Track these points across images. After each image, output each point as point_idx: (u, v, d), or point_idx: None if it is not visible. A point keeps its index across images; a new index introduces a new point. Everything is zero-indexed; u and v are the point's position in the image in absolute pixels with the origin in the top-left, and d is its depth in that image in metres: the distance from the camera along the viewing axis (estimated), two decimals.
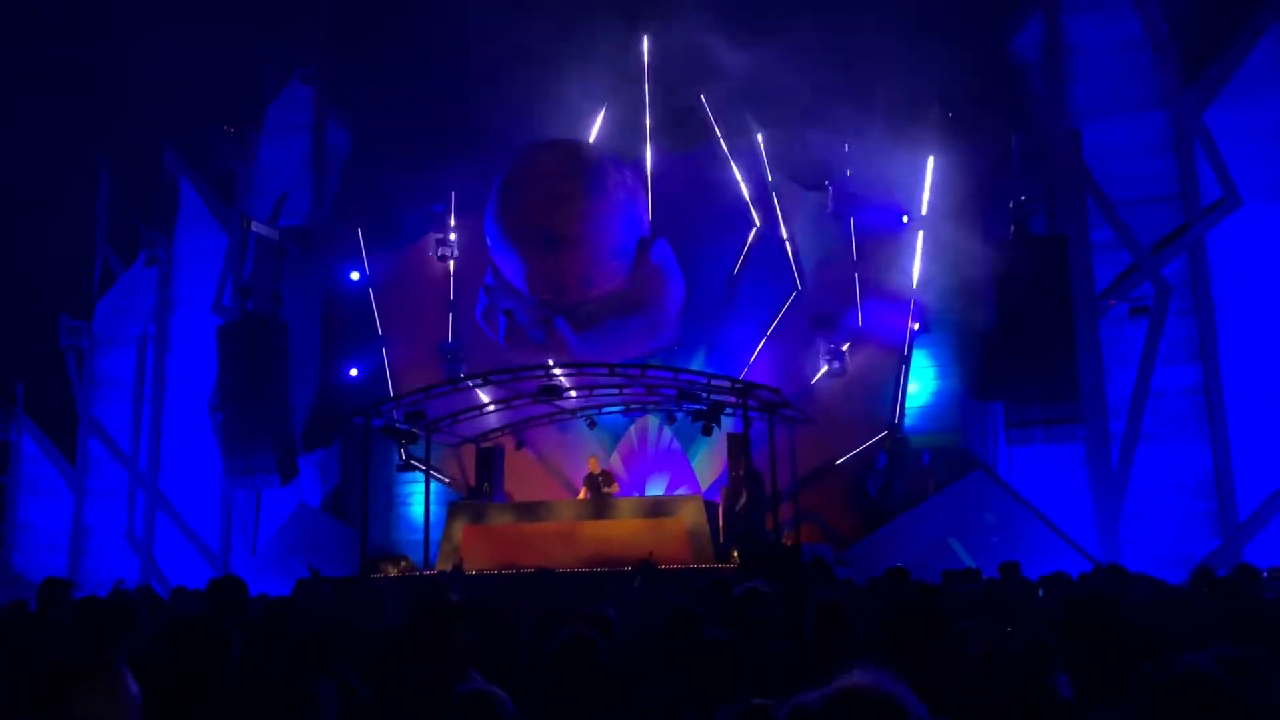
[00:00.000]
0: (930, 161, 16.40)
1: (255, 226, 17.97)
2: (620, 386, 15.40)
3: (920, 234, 16.49)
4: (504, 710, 2.33)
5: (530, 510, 14.94)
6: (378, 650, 3.84)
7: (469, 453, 17.16)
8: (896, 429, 15.97)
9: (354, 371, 18.18)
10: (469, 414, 15.94)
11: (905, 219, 16.62)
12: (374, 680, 3.62)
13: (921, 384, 16.48)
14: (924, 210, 16.49)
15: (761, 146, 17.35)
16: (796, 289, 16.97)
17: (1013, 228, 15.43)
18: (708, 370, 15.11)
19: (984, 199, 15.54)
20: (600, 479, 15.59)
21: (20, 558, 19.59)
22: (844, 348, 16.22)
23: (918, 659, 2.63)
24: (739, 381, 14.21)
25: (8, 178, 17.81)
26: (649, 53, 17.67)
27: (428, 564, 14.85)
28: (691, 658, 3.48)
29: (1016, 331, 14.65)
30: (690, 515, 13.75)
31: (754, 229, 17.31)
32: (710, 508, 14.30)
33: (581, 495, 15.59)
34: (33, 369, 19.38)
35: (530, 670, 3.75)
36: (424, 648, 3.14)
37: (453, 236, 18.34)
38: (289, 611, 5.55)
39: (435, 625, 3.15)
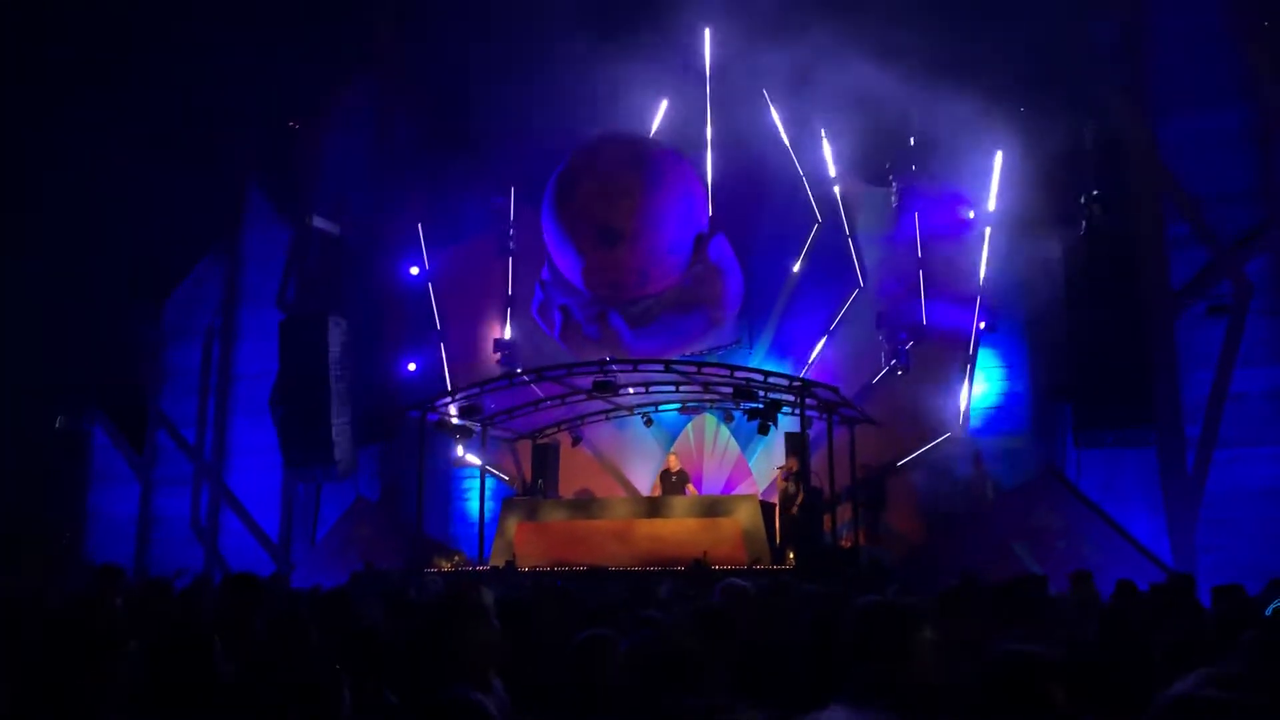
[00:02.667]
0: (999, 156, 15.95)
1: (317, 221, 18.16)
2: (676, 384, 15.24)
3: (988, 230, 16.04)
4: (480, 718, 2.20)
5: (584, 507, 14.86)
6: (398, 649, 3.73)
7: (525, 448, 17.14)
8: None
9: (412, 366, 18.28)
10: (524, 410, 15.90)
11: (972, 214, 16.17)
12: (389, 680, 3.51)
13: (988, 384, 16.04)
14: (991, 206, 16.04)
15: (824, 141, 17.03)
16: (859, 286, 16.62)
17: (1084, 224, 14.90)
18: (767, 368, 14.87)
19: (1054, 194, 15.02)
20: (675, 477, 15.47)
21: (91, 546, 20.08)
22: (907, 346, 15.84)
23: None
24: (797, 379, 13.96)
25: (80, 172, 18.21)
26: (711, 46, 17.45)
27: (481, 559, 14.85)
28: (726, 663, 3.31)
29: (1086, 330, 14.17)
30: (746, 515, 13.55)
31: (816, 225, 17.00)
32: (766, 508, 14.08)
33: (655, 492, 15.47)
34: (104, 360, 19.80)
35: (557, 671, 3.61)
36: (443, 647, 3.02)
37: (512, 231, 18.33)
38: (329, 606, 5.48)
39: (456, 624, 3.02)
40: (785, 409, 14.17)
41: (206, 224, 20.28)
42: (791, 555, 13.30)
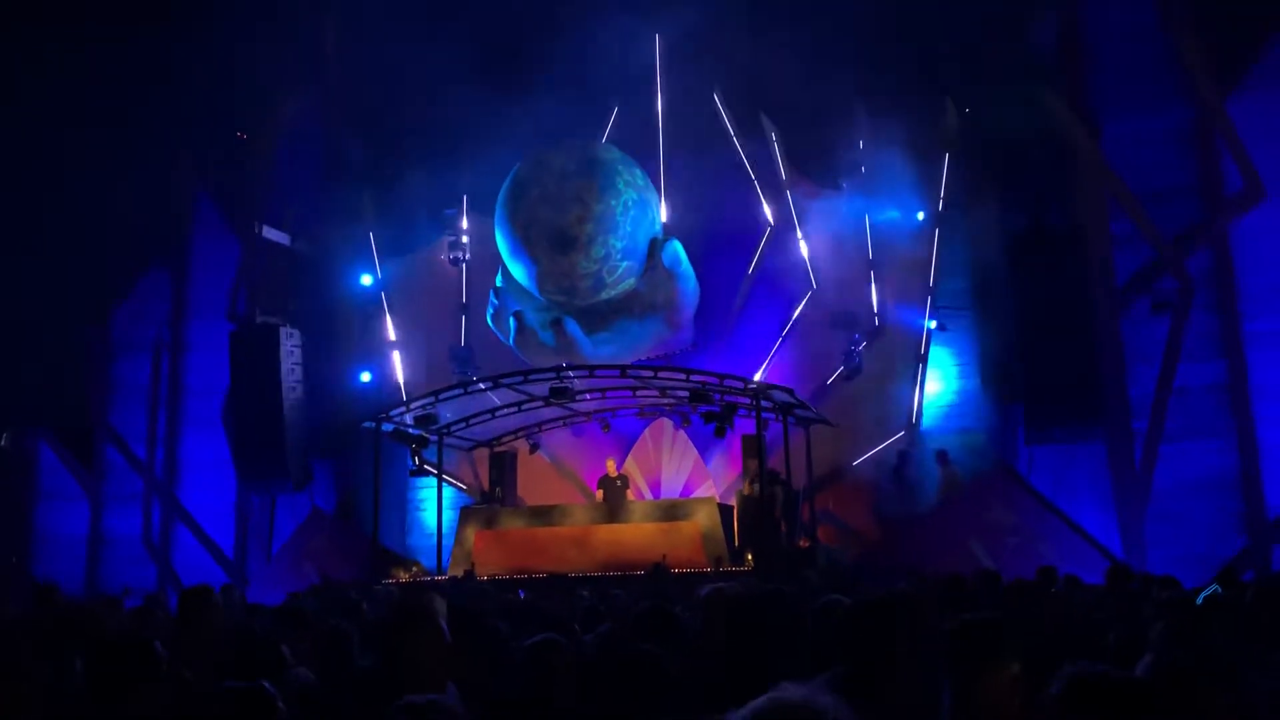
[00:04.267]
0: (946, 158, 16.18)
1: (267, 232, 17.95)
2: (633, 389, 15.26)
3: (937, 231, 16.28)
4: (450, 716, 2.20)
5: (543, 514, 14.82)
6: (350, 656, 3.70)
7: (482, 457, 17.06)
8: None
9: (366, 376, 18.13)
10: (481, 418, 15.83)
11: (921, 216, 16.39)
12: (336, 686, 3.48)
13: (940, 383, 16.26)
14: (940, 207, 16.27)
15: (775, 145, 17.16)
16: (812, 288, 16.76)
17: (1029, 222, 15.15)
18: (723, 372, 14.94)
19: (1001, 195, 15.28)
20: (618, 481, 15.47)
21: (40, 567, 19.64)
22: (860, 347, 16.00)
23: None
24: (752, 382, 14.04)
25: (18, 184, 17.86)
26: (661, 52, 17.52)
27: (440, 569, 14.75)
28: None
29: (1034, 328, 14.40)
30: (704, 518, 13.61)
31: (768, 229, 17.13)
32: (725, 510, 14.14)
33: (598, 498, 15.47)
34: (49, 375, 19.42)
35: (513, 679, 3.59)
36: (394, 656, 3.00)
37: (465, 239, 18.25)
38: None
39: (406, 633, 3.00)
40: (741, 411, 14.24)
41: (153, 235, 19.94)
42: (750, 557, 13.36)
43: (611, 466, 15.79)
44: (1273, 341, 14.47)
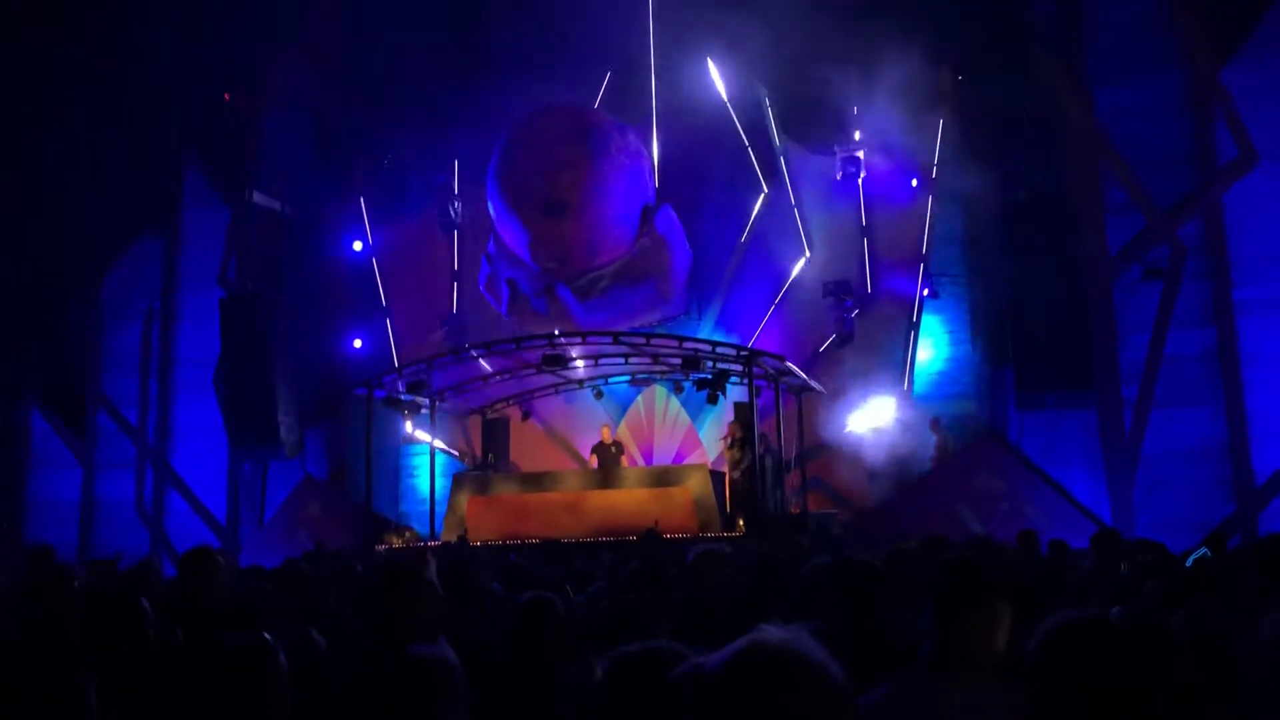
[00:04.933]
0: (940, 124, 16.11)
1: (258, 198, 17.85)
2: (626, 356, 15.27)
3: (930, 198, 16.24)
4: (450, 671, 2.22)
5: (536, 480, 14.87)
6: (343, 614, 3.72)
7: (475, 424, 17.10)
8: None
9: (358, 343, 18.11)
10: (473, 384, 15.85)
11: (915, 182, 16.36)
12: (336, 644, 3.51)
13: (932, 350, 16.29)
14: (934, 174, 16.22)
15: (769, 110, 17.06)
16: (805, 255, 16.74)
17: (1024, 191, 15.12)
18: (716, 338, 14.95)
19: (995, 161, 15.23)
20: (612, 448, 15.52)
21: (32, 533, 19.67)
22: (853, 314, 16.01)
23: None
24: (744, 349, 14.06)
25: (6, 153, 17.70)
26: (654, 15, 17.36)
27: (433, 535, 14.81)
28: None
29: (1027, 295, 14.42)
30: (696, 484, 13.67)
31: (761, 195, 17.07)
32: (717, 476, 14.20)
33: (592, 464, 15.51)
34: (41, 344, 19.35)
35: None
36: (385, 612, 3.02)
37: (457, 205, 18.17)
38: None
39: (396, 588, 3.02)
40: (733, 379, 14.27)
41: (143, 203, 19.80)
42: (741, 522, 13.44)
43: (606, 433, 15.83)
44: (1262, 309, 14.52)
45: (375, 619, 3.03)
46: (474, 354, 14.83)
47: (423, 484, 17.19)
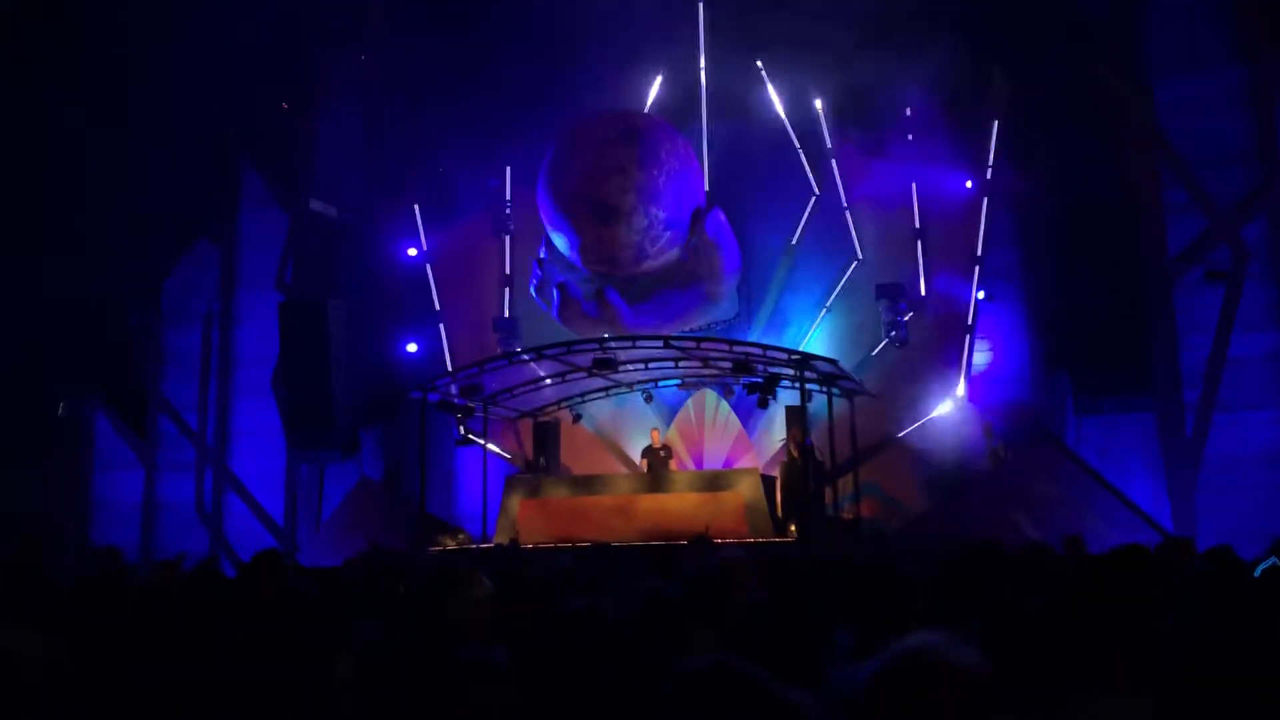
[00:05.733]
0: (994, 124, 15.92)
1: (314, 204, 18.13)
2: (676, 360, 15.27)
3: (985, 200, 16.05)
4: (503, 673, 2.25)
5: (586, 484, 14.93)
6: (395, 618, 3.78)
7: (526, 427, 17.20)
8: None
9: (412, 347, 18.30)
10: (525, 388, 15.94)
11: (969, 184, 16.17)
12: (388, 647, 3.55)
13: (987, 354, 16.09)
14: (988, 175, 16.03)
15: (820, 113, 16.98)
16: (857, 258, 16.63)
17: (1080, 190, 14.88)
18: (766, 342, 14.90)
19: (1050, 161, 15.01)
20: (662, 452, 15.53)
21: (97, 533, 20.14)
22: (906, 318, 15.87)
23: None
24: (795, 353, 14.00)
25: (69, 160, 18.17)
26: (705, 19, 17.36)
27: (485, 537, 14.93)
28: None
29: (1084, 298, 14.18)
30: (747, 489, 13.63)
31: (813, 198, 16.99)
32: (768, 481, 14.15)
33: (642, 467, 15.53)
34: (103, 346, 19.80)
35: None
36: (440, 615, 3.06)
37: (509, 210, 18.30)
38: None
39: (453, 592, 3.06)
40: (784, 383, 14.21)
41: (202, 207, 20.20)
42: (793, 528, 13.37)
43: (656, 437, 15.85)
44: None
45: (429, 620, 3.07)
46: (525, 358, 14.92)
47: (476, 486, 17.33)
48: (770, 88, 17.15)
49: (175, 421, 20.10)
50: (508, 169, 18.29)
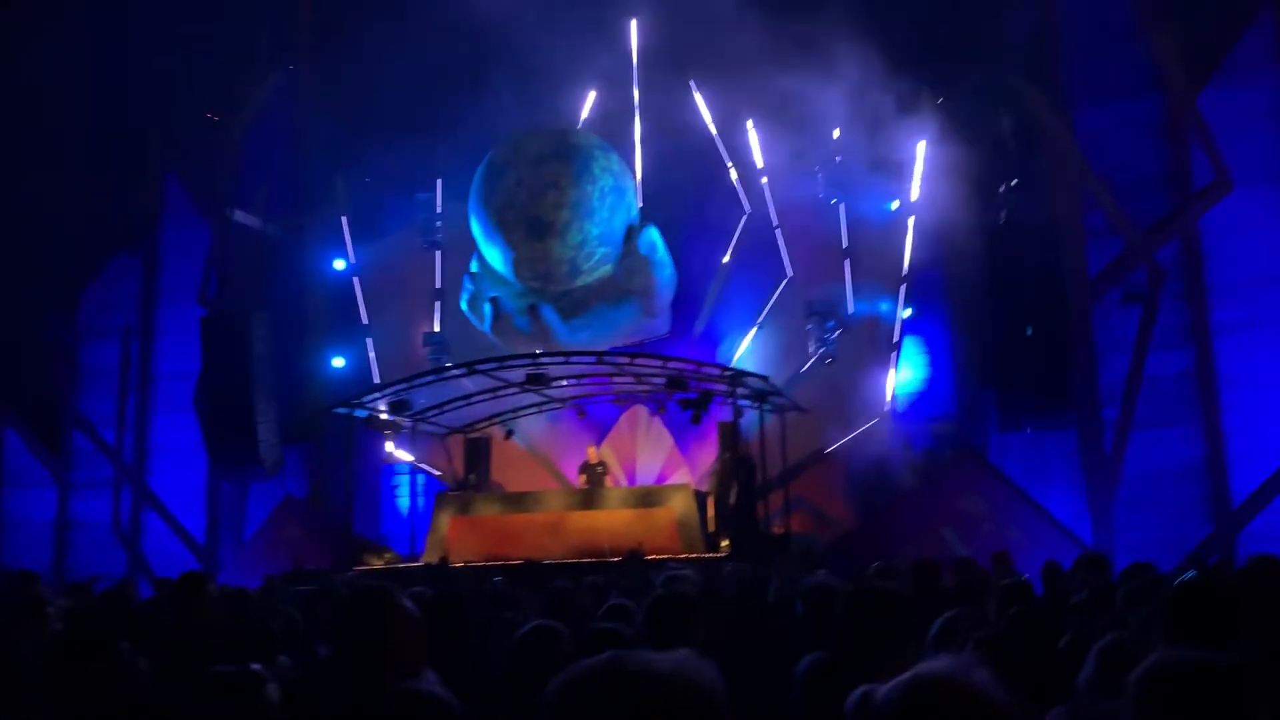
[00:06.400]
0: (921, 146, 16.23)
1: (239, 216, 17.74)
2: (609, 375, 15.23)
3: (911, 220, 16.35)
4: (444, 710, 2.17)
5: (518, 501, 14.79)
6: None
7: (457, 443, 16.98)
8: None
9: (339, 362, 17.99)
10: (455, 404, 15.75)
11: (895, 205, 16.47)
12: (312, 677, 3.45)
13: (913, 371, 16.36)
14: (914, 196, 16.33)
15: (751, 132, 17.15)
16: (788, 276, 16.79)
17: (1004, 212, 15.26)
18: (698, 359, 14.94)
19: (975, 184, 15.35)
20: (598, 468, 15.45)
21: (6, 553, 19.39)
22: (835, 335, 16.07)
23: None
24: (728, 369, 14.07)
25: None
26: (638, 38, 17.44)
27: (413, 556, 14.69)
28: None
29: (1007, 317, 14.51)
30: (680, 505, 13.62)
31: (744, 216, 17.13)
32: (700, 497, 14.16)
33: (580, 483, 15.43)
34: (15, 361, 19.14)
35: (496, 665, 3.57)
36: (361, 643, 2.92)
37: (439, 224, 18.11)
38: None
39: (375, 616, 2.91)
40: (717, 398, 14.26)
41: (123, 220, 19.67)
42: (725, 543, 13.40)
43: (593, 453, 15.76)
44: (1239, 331, 14.67)
45: (357, 646, 2.90)
46: (456, 373, 14.76)
47: (403, 504, 17.08)
48: (702, 106, 17.28)
49: (91, 438, 19.48)
50: (439, 182, 18.11)
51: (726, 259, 17.06)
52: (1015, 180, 15.27)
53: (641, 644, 3.28)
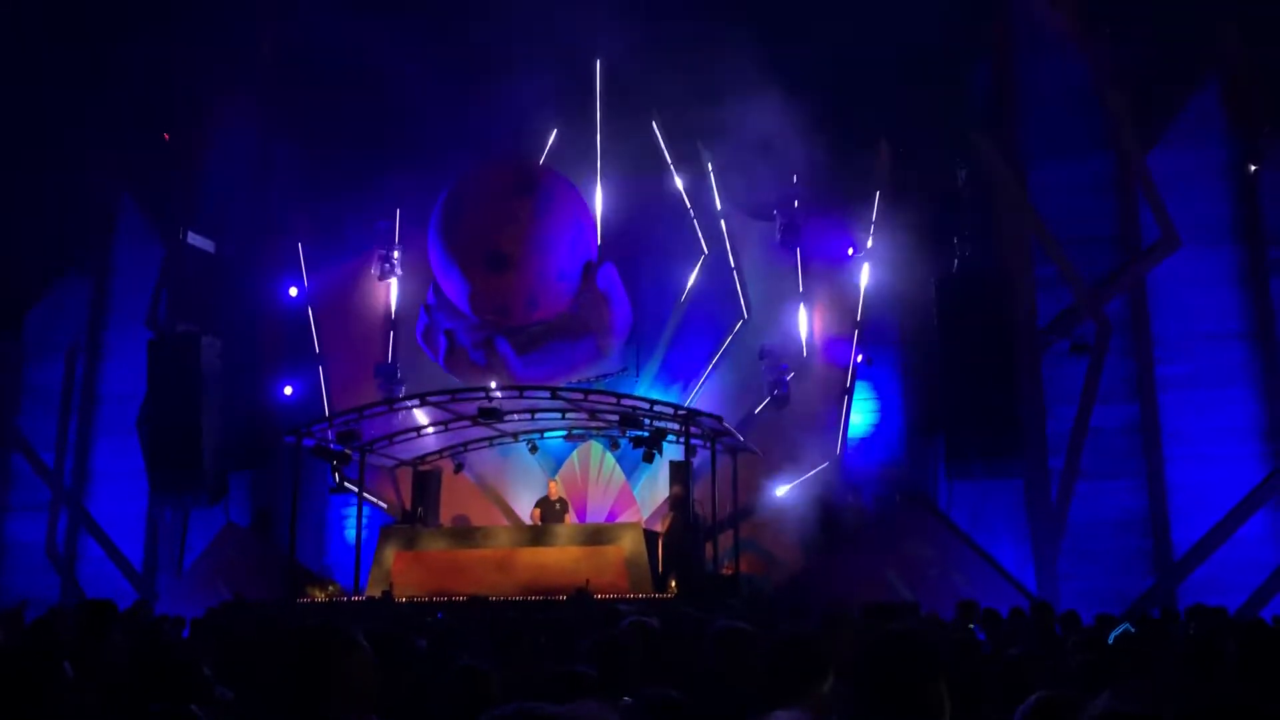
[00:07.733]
0: (877, 195, 16.49)
1: (191, 238, 17.53)
2: (563, 411, 15.17)
3: (866, 266, 16.56)
4: None
5: (465, 536, 14.63)
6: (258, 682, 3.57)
7: (405, 475, 16.79)
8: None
9: (289, 389, 17.75)
10: (406, 436, 15.59)
11: (851, 251, 16.68)
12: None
13: (864, 416, 16.49)
14: (870, 244, 16.55)
15: (711, 175, 17.32)
16: (743, 318, 16.91)
17: (956, 262, 15.52)
18: (653, 397, 14.95)
19: (929, 233, 15.60)
20: (557, 504, 15.34)
21: None
22: (788, 377, 16.17)
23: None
24: (681, 408, 14.08)
25: None
26: (601, 76, 17.59)
27: (357, 590, 14.46)
28: None
29: (957, 366, 14.68)
30: (629, 543, 13.55)
31: (702, 257, 17.25)
32: (650, 536, 14.10)
33: (535, 518, 15.29)
34: None
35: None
36: (309, 683, 2.84)
37: (396, 254, 18.02)
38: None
39: (321, 659, 2.84)
40: (670, 437, 14.26)
41: (73, 238, 19.33)
42: (673, 584, 13.33)
43: (554, 489, 15.64)
44: (1182, 386, 14.95)
45: (293, 699, 2.77)
46: (408, 404, 14.62)
47: (349, 536, 16.81)
48: (663, 146, 17.43)
49: (30, 459, 19.00)
50: (397, 211, 18.05)
51: (683, 299, 17.14)
52: (968, 231, 15.53)
53: (601, 687, 3.25)
